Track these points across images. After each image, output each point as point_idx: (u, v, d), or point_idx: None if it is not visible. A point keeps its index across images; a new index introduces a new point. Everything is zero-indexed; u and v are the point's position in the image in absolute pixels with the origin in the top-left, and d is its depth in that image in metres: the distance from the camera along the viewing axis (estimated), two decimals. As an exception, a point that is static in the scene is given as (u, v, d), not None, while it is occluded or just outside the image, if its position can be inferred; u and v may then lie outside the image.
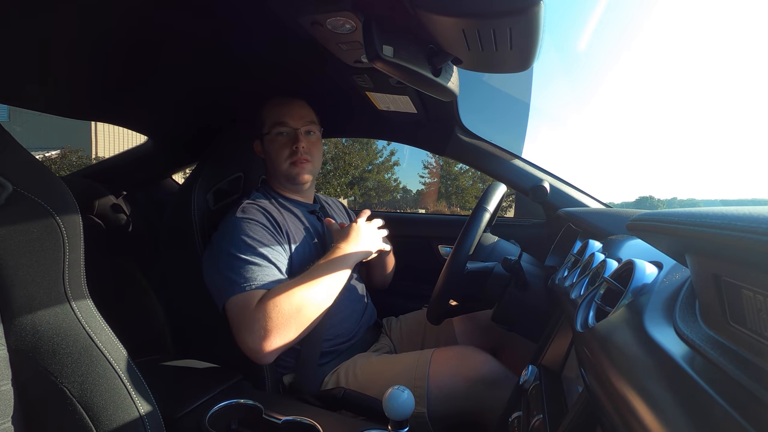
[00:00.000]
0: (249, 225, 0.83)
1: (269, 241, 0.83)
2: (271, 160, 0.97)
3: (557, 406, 0.50)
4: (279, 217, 0.90)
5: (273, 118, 0.95)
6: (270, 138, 0.95)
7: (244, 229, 0.82)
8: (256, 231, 0.83)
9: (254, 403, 0.65)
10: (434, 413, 0.77)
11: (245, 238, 0.81)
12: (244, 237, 0.81)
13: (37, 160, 0.44)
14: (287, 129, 0.95)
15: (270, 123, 0.95)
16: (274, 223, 0.88)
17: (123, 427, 0.44)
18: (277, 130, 0.94)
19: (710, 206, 0.25)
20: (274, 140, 0.95)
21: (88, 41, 0.72)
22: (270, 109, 0.97)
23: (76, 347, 0.43)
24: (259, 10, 0.68)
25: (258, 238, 0.82)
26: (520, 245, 0.99)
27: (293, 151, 0.94)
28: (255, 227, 0.83)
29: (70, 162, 9.69)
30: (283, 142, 0.94)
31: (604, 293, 0.48)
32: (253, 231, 0.82)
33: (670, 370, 0.26)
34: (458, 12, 0.49)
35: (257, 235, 0.82)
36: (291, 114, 0.95)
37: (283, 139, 0.95)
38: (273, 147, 0.95)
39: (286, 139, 0.95)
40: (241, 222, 0.83)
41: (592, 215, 0.93)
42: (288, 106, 0.96)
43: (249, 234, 0.82)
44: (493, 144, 1.26)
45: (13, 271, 0.40)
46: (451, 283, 0.82)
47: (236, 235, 0.81)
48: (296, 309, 0.75)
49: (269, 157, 0.97)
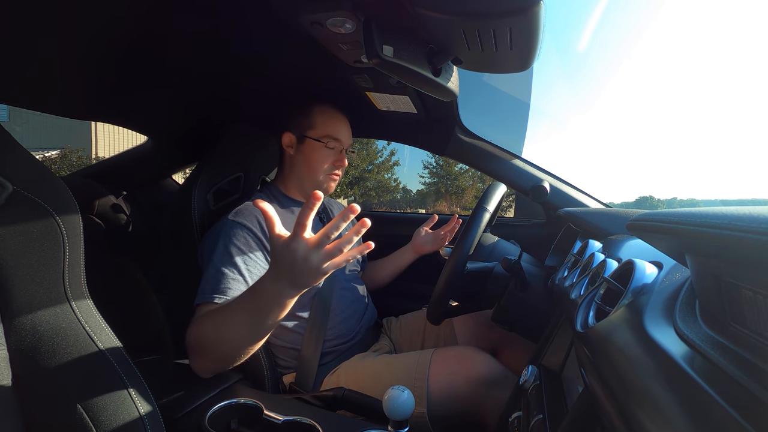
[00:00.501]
0: (235, 231, 0.82)
1: (251, 250, 0.82)
2: (309, 164, 0.97)
3: (557, 406, 0.50)
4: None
5: (329, 129, 0.97)
6: (318, 145, 0.96)
7: (228, 235, 0.81)
8: (240, 238, 0.82)
9: (254, 403, 0.65)
10: (434, 413, 0.77)
11: (227, 245, 0.80)
12: (226, 243, 0.80)
13: (37, 160, 0.44)
14: (338, 145, 0.98)
15: (324, 131, 0.96)
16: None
17: (123, 427, 0.44)
18: (329, 142, 0.96)
19: (710, 206, 0.25)
20: (321, 149, 0.96)
21: (87, 41, 0.72)
22: (325, 116, 0.98)
23: (76, 347, 0.43)
24: (259, 10, 0.68)
25: (240, 246, 0.81)
26: (520, 245, 0.99)
27: (335, 166, 0.98)
28: (241, 234, 0.82)
29: (70, 162, 9.69)
30: (329, 154, 0.97)
31: (604, 293, 0.48)
32: (236, 238, 0.81)
33: (670, 370, 0.26)
34: (458, 12, 0.49)
35: (240, 242, 0.81)
36: (344, 132, 0.99)
37: (330, 152, 0.97)
38: (318, 155, 0.96)
39: (333, 154, 0.98)
40: (229, 226, 0.83)
41: (592, 215, 0.93)
42: (343, 123, 1.00)
43: (232, 241, 0.80)
44: (493, 144, 1.26)
45: (13, 271, 0.40)
46: (451, 283, 0.82)
47: (219, 240, 0.81)
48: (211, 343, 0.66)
49: (308, 161, 0.97)
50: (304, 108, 0.99)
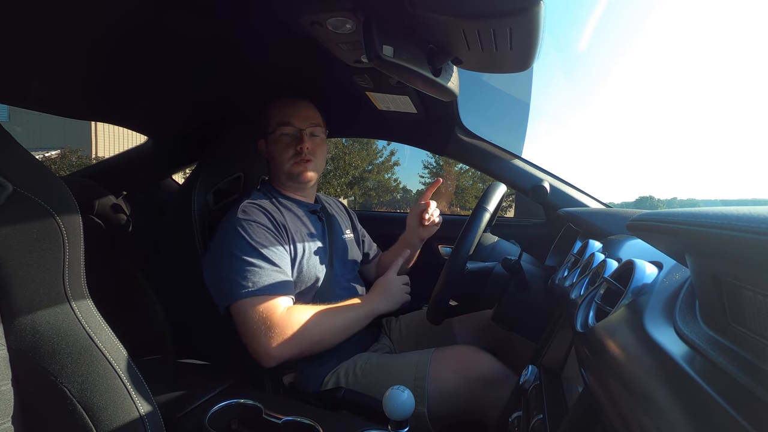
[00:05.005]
0: (251, 226, 0.83)
1: (271, 242, 0.83)
2: (274, 159, 0.97)
3: (557, 406, 0.50)
4: (279, 217, 0.90)
5: (278, 118, 0.95)
6: (274, 137, 0.95)
7: (246, 230, 0.82)
8: (258, 232, 0.83)
9: (254, 403, 0.65)
10: (434, 413, 0.77)
11: (248, 239, 0.81)
12: (246, 238, 0.81)
13: (37, 160, 0.44)
14: (292, 129, 0.95)
15: (275, 123, 0.95)
16: (275, 223, 0.87)
17: (123, 427, 0.44)
18: (281, 131, 0.94)
19: (710, 206, 0.25)
20: (278, 140, 0.95)
21: (88, 41, 0.72)
22: (276, 109, 0.97)
23: (76, 347, 0.43)
24: (259, 10, 0.69)
25: (260, 239, 0.82)
26: (520, 245, 0.99)
27: (297, 151, 0.94)
28: (256, 228, 0.83)
29: (70, 162, 9.68)
30: (287, 142, 0.95)
31: (604, 293, 0.48)
32: (254, 232, 0.82)
33: (670, 370, 0.26)
34: (458, 12, 0.49)
35: (259, 236, 0.82)
36: (297, 114, 0.96)
37: (287, 139, 0.95)
38: (277, 147, 0.95)
39: (291, 139, 0.95)
40: (242, 223, 0.83)
41: (592, 215, 0.93)
42: (294, 107, 0.97)
43: (251, 235, 0.81)
44: (493, 144, 1.26)
45: (13, 271, 0.40)
46: (451, 283, 0.82)
47: (238, 237, 0.81)
48: (318, 336, 0.81)
49: (273, 156, 0.97)
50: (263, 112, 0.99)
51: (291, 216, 0.94)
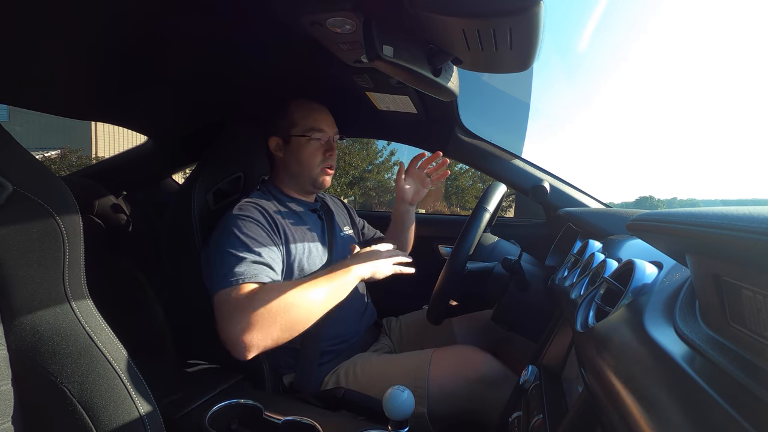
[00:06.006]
0: (244, 222, 0.83)
1: (263, 238, 0.83)
2: (300, 162, 0.96)
3: (557, 406, 0.50)
4: (277, 216, 0.90)
5: (309, 122, 0.95)
6: (303, 141, 0.95)
7: (238, 226, 0.82)
8: (251, 228, 0.82)
9: (254, 403, 0.65)
10: (434, 413, 0.77)
11: (239, 235, 0.80)
12: (238, 234, 0.80)
13: (37, 160, 0.44)
14: (325, 136, 0.96)
15: (304, 126, 0.95)
16: (271, 222, 0.87)
17: (123, 427, 0.44)
18: (313, 135, 0.95)
19: (710, 206, 0.25)
20: (307, 144, 0.95)
21: (89, 42, 0.72)
22: (303, 111, 0.96)
23: (76, 347, 0.43)
24: (259, 10, 0.69)
25: (252, 235, 0.81)
26: (520, 245, 0.99)
27: (326, 157, 0.96)
28: (250, 224, 0.83)
29: (70, 162, 9.67)
30: (317, 147, 0.96)
31: (604, 293, 0.48)
32: (247, 228, 0.82)
33: (670, 370, 0.26)
34: (458, 12, 0.49)
35: (252, 232, 0.82)
36: (327, 121, 0.98)
37: (317, 144, 0.96)
38: (306, 150, 0.95)
39: (320, 144, 0.96)
40: (236, 219, 0.83)
41: (592, 215, 0.93)
42: (323, 113, 0.98)
43: (243, 231, 0.81)
44: (493, 144, 1.26)
45: (13, 270, 0.40)
46: (451, 283, 0.82)
47: (231, 232, 0.81)
48: (283, 307, 0.71)
49: (298, 159, 0.96)
50: (282, 109, 0.98)
51: (291, 214, 0.94)
